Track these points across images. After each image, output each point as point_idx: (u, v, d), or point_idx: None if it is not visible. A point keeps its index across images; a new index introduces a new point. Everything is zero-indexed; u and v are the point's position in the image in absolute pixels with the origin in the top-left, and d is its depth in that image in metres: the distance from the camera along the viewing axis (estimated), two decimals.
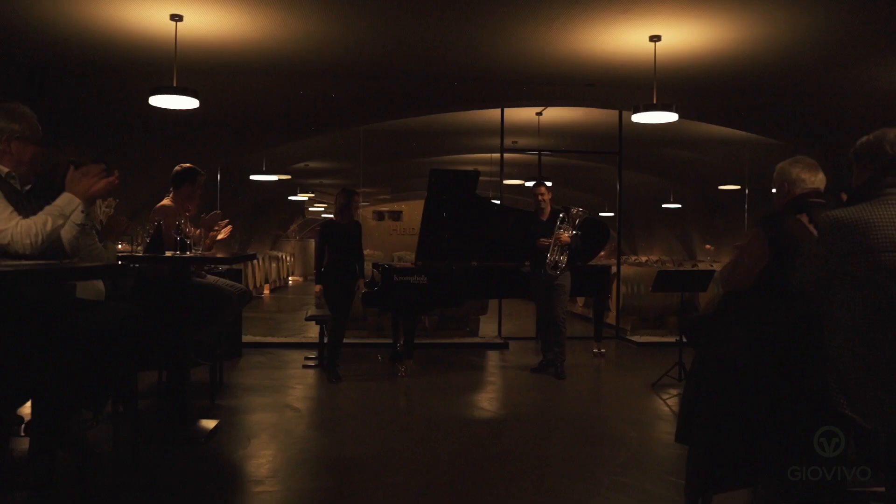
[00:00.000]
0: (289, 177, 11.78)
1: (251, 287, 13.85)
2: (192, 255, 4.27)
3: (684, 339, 2.83)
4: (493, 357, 7.89)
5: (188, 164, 5.03)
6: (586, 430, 4.90)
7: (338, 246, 6.29)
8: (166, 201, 4.90)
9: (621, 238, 9.65)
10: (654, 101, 6.21)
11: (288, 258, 19.25)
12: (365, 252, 6.75)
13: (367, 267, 7.09)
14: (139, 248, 4.23)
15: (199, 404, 5.24)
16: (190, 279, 4.52)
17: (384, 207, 22.76)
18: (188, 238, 4.29)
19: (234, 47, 6.38)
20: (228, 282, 5.27)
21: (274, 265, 16.76)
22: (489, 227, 7.16)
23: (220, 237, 5.67)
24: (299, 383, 6.28)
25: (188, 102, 5.77)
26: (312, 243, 24.10)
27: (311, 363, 7.05)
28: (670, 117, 6.24)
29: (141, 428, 4.50)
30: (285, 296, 16.84)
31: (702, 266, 12.93)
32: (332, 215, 7.37)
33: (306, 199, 15.10)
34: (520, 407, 5.72)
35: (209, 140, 7.88)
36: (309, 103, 7.76)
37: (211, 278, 5.27)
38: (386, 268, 6.78)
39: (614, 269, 9.33)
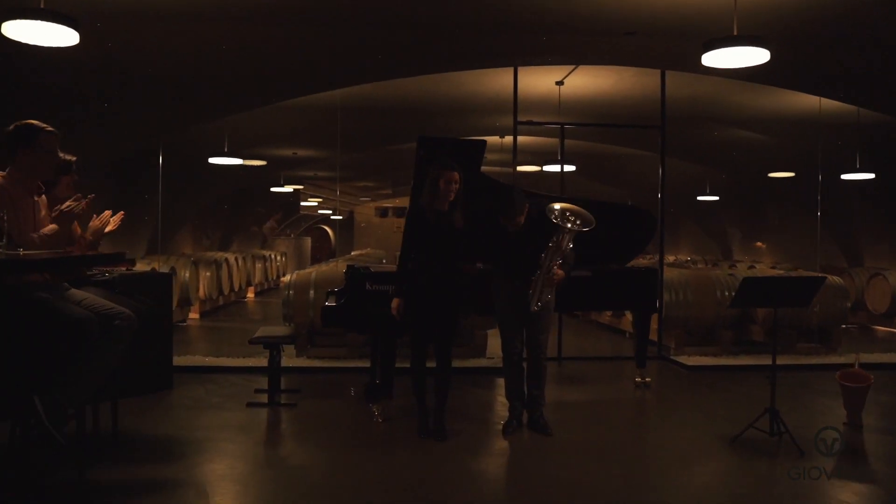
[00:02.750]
0: (263, 162, 10.04)
1: (228, 291, 12.07)
2: None
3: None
4: (503, 385, 6.03)
5: (28, 121, 3.31)
6: None
7: (427, 246, 4.39)
8: None
9: (663, 234, 7.78)
10: (735, 34, 4.30)
11: (278, 257, 17.48)
12: (366, 252, 4.89)
13: (341, 268, 5.33)
14: None
15: (61, 478, 3.49)
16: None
17: (387, 203, 21.13)
18: None
19: None
20: (105, 303, 3.49)
21: (259, 266, 14.98)
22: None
23: (108, 229, 3.95)
24: (235, 434, 4.48)
25: (62, 35, 3.99)
26: (308, 241, 22.42)
27: (261, 400, 5.26)
28: (758, 56, 4.36)
29: None
30: (274, 300, 15.06)
31: (740, 268, 10.99)
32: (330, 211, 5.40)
33: (290, 190, 13.30)
34: (544, 484, 3.88)
35: (131, 110, 6.12)
36: (261, 60, 5.93)
37: (76, 294, 3.49)
38: (357, 272, 4.98)
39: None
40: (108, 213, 3.90)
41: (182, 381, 5.78)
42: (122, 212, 4.01)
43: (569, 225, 4.24)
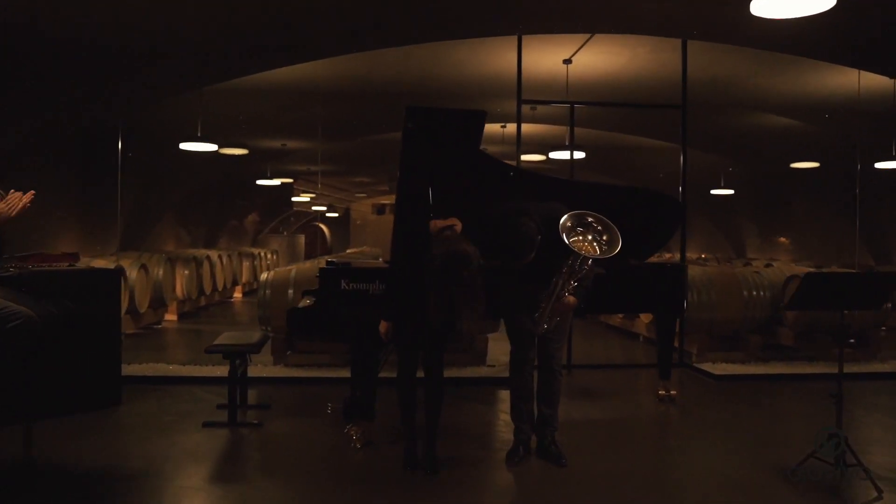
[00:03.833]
0: (244, 151, 9.26)
1: (210, 291, 11.27)
2: None
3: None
4: (506, 400, 5.25)
5: None
6: None
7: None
8: None
9: (685, 228, 6.98)
10: None
11: (269, 255, 16.70)
12: (361, 250, 4.13)
13: (317, 265, 4.54)
14: None
15: None
16: None
17: (384, 200, 20.45)
18: None
19: None
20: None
21: (246, 264, 14.19)
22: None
23: (13, 213, 3.18)
24: (181, 465, 3.69)
25: None
26: (301, 239, 21.65)
27: (222, 419, 4.47)
28: (819, 3, 3.57)
29: None
30: None
31: (756, 265, 10.13)
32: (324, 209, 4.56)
33: (278, 184, 12.53)
34: None
35: (80, 77, 5.35)
36: (226, 27, 5.17)
37: None
38: (335, 267, 4.19)
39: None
40: (16, 195, 3.13)
41: (135, 395, 4.98)
42: (32, 191, 3.23)
43: (588, 250, 3.47)
